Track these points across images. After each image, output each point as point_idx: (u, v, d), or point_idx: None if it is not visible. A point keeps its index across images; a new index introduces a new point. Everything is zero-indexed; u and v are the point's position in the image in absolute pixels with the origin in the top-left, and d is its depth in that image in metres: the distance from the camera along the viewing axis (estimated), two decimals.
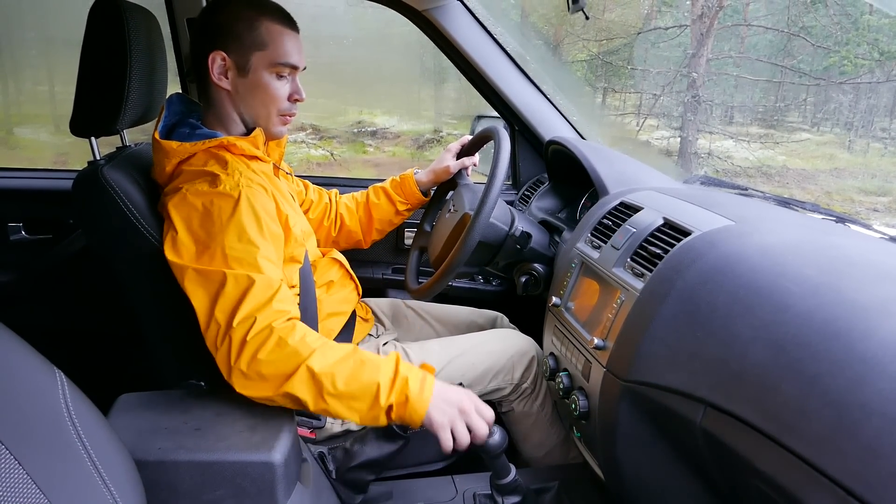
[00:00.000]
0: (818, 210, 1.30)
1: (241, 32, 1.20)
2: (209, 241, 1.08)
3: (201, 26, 1.24)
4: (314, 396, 1.02)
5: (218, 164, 1.17)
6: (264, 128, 1.28)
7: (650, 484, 1.03)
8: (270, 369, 1.02)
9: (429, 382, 1.07)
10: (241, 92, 1.23)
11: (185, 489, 0.92)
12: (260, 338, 1.02)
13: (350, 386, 1.03)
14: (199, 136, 1.21)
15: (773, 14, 7.88)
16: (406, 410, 1.04)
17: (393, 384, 1.05)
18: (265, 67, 1.22)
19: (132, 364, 1.64)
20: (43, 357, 0.74)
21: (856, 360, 0.67)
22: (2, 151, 6.21)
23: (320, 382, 1.02)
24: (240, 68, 1.21)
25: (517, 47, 1.90)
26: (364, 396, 1.04)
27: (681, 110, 7.81)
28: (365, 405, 1.03)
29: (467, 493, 1.31)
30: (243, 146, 1.22)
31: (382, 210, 1.65)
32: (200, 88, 1.27)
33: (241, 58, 1.21)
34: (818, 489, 0.64)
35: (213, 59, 1.20)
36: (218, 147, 1.19)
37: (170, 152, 1.17)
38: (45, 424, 0.70)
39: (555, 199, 1.83)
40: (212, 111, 1.27)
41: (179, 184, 1.14)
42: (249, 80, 1.22)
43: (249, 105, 1.25)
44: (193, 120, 1.26)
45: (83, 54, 1.17)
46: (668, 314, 0.94)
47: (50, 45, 5.90)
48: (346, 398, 1.03)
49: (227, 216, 1.09)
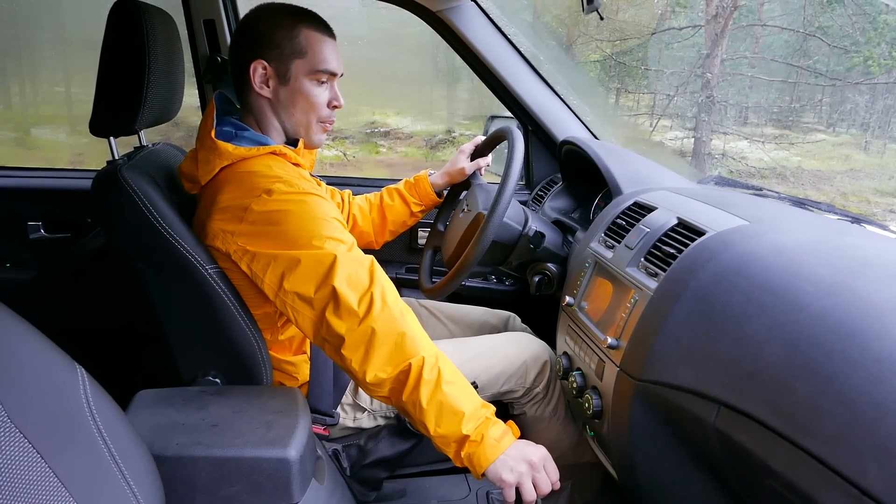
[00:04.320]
0: (833, 210, 1.29)
1: (281, 41, 1.21)
2: (307, 233, 1.12)
3: (241, 35, 1.25)
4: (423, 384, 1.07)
5: (281, 170, 1.19)
6: (304, 136, 1.29)
7: (663, 483, 1.03)
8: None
9: (508, 437, 1.10)
10: (283, 100, 1.25)
11: (202, 484, 0.94)
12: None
13: (451, 394, 1.08)
14: (250, 142, 1.22)
15: (789, 14, 7.81)
16: (477, 450, 1.06)
17: (477, 418, 1.08)
18: (305, 75, 1.23)
19: (150, 361, 1.66)
20: (64, 353, 0.76)
21: (871, 359, 0.66)
22: (20, 152, 6.27)
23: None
24: (280, 76, 1.23)
25: (530, 48, 1.90)
26: (453, 415, 1.07)
27: (695, 111, 7.76)
28: (451, 423, 1.07)
29: (480, 491, 1.31)
30: (291, 156, 1.24)
31: (397, 211, 1.66)
32: (240, 96, 1.29)
33: (282, 66, 1.22)
34: (833, 489, 0.64)
35: (255, 68, 1.22)
36: (271, 154, 1.21)
37: (223, 154, 1.18)
38: (66, 419, 0.71)
39: (568, 199, 1.83)
40: (252, 118, 1.28)
41: (251, 187, 1.15)
42: (290, 87, 1.24)
43: (290, 113, 1.26)
44: (235, 120, 1.27)
45: (102, 55, 1.18)
46: (681, 314, 0.94)
47: (67, 47, 5.95)
48: (437, 406, 1.07)
49: (315, 214, 1.14)
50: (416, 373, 1.07)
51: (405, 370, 1.08)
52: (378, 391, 1.11)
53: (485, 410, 1.10)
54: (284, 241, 1.11)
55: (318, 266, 1.09)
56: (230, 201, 1.15)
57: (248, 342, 1.22)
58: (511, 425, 1.14)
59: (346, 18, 1.20)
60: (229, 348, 1.21)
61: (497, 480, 1.07)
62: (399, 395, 1.09)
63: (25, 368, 0.69)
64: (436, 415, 1.07)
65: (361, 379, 1.10)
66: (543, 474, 1.09)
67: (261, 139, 1.24)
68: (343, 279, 1.09)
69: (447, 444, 1.08)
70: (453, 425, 1.07)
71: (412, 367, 1.08)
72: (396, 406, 1.12)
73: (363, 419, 1.40)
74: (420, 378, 1.07)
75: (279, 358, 1.32)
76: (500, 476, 1.06)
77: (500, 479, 1.06)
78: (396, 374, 1.08)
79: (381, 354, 1.09)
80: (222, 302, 1.18)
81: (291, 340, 1.33)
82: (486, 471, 1.06)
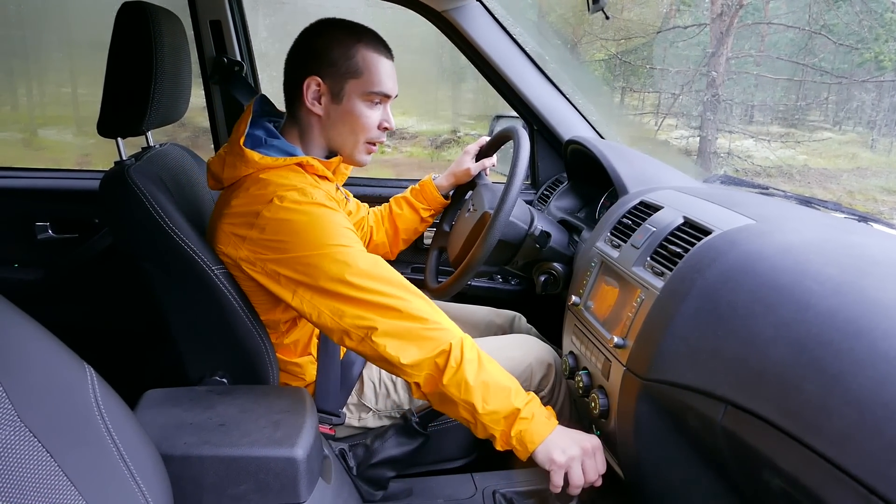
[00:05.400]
0: (840, 209, 1.29)
1: (338, 59, 1.21)
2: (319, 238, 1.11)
3: (298, 49, 1.25)
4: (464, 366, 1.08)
5: (298, 180, 1.18)
6: (349, 155, 1.29)
7: (670, 482, 1.03)
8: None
9: (554, 419, 1.11)
10: (333, 118, 1.24)
11: (210, 483, 0.94)
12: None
13: (494, 372, 1.09)
14: (278, 151, 1.22)
15: (794, 12, 7.78)
16: (529, 427, 1.06)
17: (525, 395, 1.09)
18: (359, 95, 1.23)
19: (157, 361, 1.67)
20: (73, 352, 0.76)
21: (878, 358, 0.66)
22: (27, 152, 6.31)
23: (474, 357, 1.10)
24: (334, 95, 1.22)
25: (536, 47, 1.90)
26: (500, 390, 1.08)
27: (700, 109, 7.74)
28: (499, 398, 1.07)
29: (487, 490, 1.31)
30: (318, 167, 1.23)
31: (406, 219, 1.67)
32: (290, 108, 1.29)
33: (336, 84, 1.22)
34: (840, 488, 0.64)
35: (309, 84, 1.21)
36: (297, 164, 1.21)
37: (249, 162, 1.18)
38: (75, 418, 0.72)
39: (574, 199, 1.82)
40: (297, 130, 1.28)
41: (266, 195, 1.15)
42: (343, 107, 1.23)
43: (339, 132, 1.26)
44: (268, 125, 1.27)
45: (110, 57, 1.19)
46: (688, 313, 0.94)
47: (73, 48, 5.98)
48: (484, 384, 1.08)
49: (326, 222, 1.13)
50: (457, 353, 1.08)
51: (445, 350, 1.08)
52: (415, 375, 1.10)
53: (526, 392, 1.11)
54: (296, 246, 1.11)
55: (333, 264, 1.10)
56: (243, 206, 1.16)
57: (254, 342, 1.22)
58: (550, 410, 1.14)
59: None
60: (236, 348, 1.22)
61: (547, 461, 1.06)
62: (437, 379, 1.09)
63: (35, 368, 0.70)
64: (483, 392, 1.07)
65: (398, 364, 1.09)
66: (593, 462, 1.09)
67: (289, 149, 1.24)
68: (361, 273, 1.10)
69: (496, 421, 1.07)
70: (503, 400, 1.07)
71: (452, 348, 1.08)
72: (430, 393, 1.12)
73: (368, 419, 1.40)
74: (462, 357, 1.08)
75: (285, 360, 1.32)
76: (550, 456, 1.05)
77: (550, 459, 1.05)
78: (434, 357, 1.08)
79: (418, 338, 1.09)
80: (228, 302, 1.19)
81: (296, 343, 1.34)
82: (537, 450, 1.06)
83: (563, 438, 1.07)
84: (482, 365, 1.09)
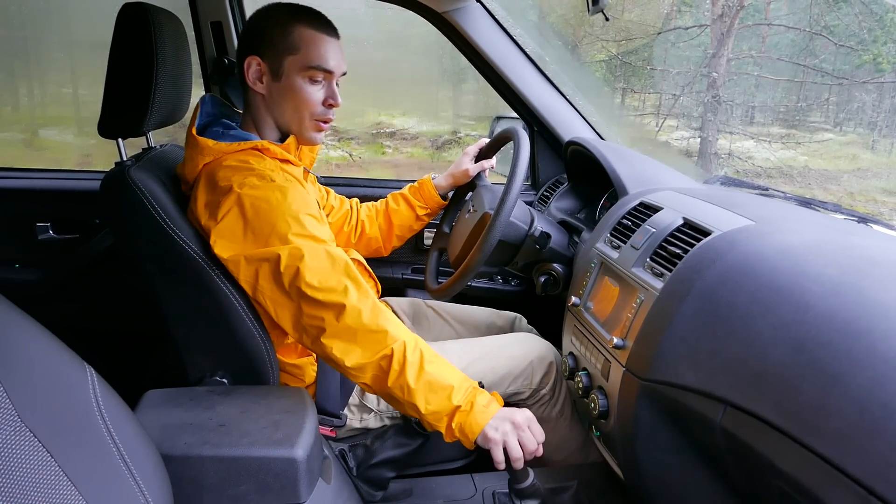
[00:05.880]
0: (840, 210, 1.29)
1: (275, 37, 1.22)
2: (278, 229, 1.12)
3: (243, 33, 1.28)
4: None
5: (257, 163, 1.19)
6: (297, 133, 1.29)
7: (670, 483, 1.03)
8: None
9: (495, 405, 1.14)
10: (275, 96, 1.25)
11: (210, 483, 0.94)
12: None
13: (436, 373, 1.12)
14: (233, 137, 1.23)
15: (795, 13, 7.78)
16: (467, 419, 1.10)
17: (465, 389, 1.12)
18: (298, 72, 1.23)
19: (158, 361, 1.67)
20: (73, 353, 0.76)
21: (877, 359, 0.66)
22: (28, 153, 6.31)
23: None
24: (273, 73, 1.24)
25: (536, 48, 1.90)
26: (441, 390, 1.11)
27: (701, 110, 7.74)
28: (440, 399, 1.11)
29: (486, 491, 1.31)
30: (276, 151, 1.24)
31: (402, 216, 1.67)
32: (243, 95, 1.30)
33: (274, 62, 1.23)
34: (839, 488, 0.64)
35: (249, 63, 1.23)
36: (252, 149, 1.22)
37: (204, 149, 1.20)
38: (76, 418, 0.72)
39: (574, 200, 1.83)
40: (249, 115, 1.30)
41: (223, 181, 1.16)
42: (283, 84, 1.24)
43: (283, 110, 1.26)
44: (226, 121, 1.29)
45: (111, 58, 1.19)
46: (687, 314, 0.95)
47: (74, 49, 5.99)
48: (426, 385, 1.11)
49: (285, 206, 1.13)
50: (399, 356, 1.11)
51: (388, 355, 1.11)
52: (361, 377, 1.14)
53: (469, 382, 1.14)
54: (256, 238, 1.12)
55: (290, 260, 1.11)
56: (206, 198, 1.17)
57: (255, 343, 1.23)
58: (495, 395, 1.17)
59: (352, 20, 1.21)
60: (236, 349, 1.22)
61: (483, 441, 1.10)
62: (383, 381, 1.12)
63: (35, 368, 0.70)
64: (425, 393, 1.11)
65: (342, 366, 1.13)
66: (528, 433, 1.13)
67: (244, 136, 1.25)
68: (315, 272, 1.11)
69: (439, 419, 1.12)
70: (443, 400, 1.11)
71: (395, 352, 1.11)
72: (379, 392, 1.16)
73: (370, 420, 1.40)
74: (405, 361, 1.11)
75: (285, 361, 1.32)
76: (486, 436, 1.10)
77: (486, 438, 1.10)
78: (378, 360, 1.12)
79: (363, 341, 1.12)
80: (229, 303, 1.19)
81: (298, 344, 1.34)
82: (478, 437, 1.10)
83: (496, 419, 1.11)
84: (423, 367, 1.12)
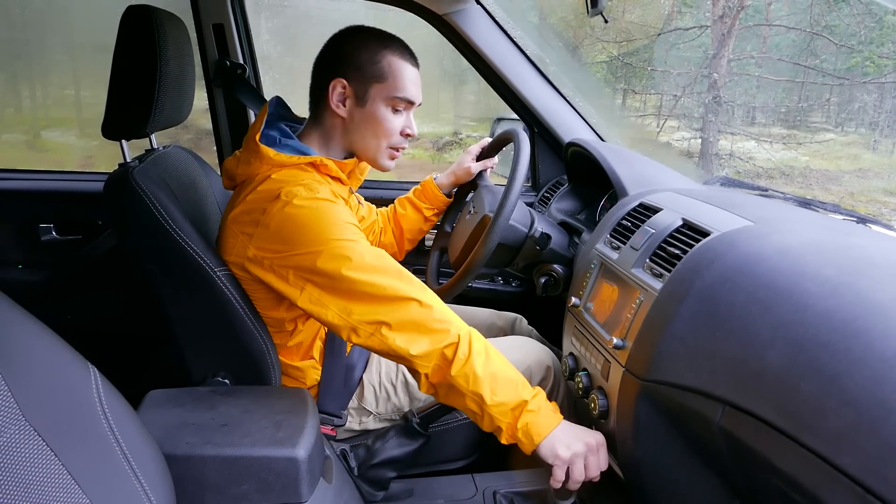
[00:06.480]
0: (839, 210, 1.29)
1: (364, 63, 1.22)
2: (323, 234, 1.12)
3: (327, 53, 1.27)
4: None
5: (307, 176, 1.19)
6: (372, 158, 1.30)
7: (669, 483, 1.03)
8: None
9: (559, 414, 1.12)
10: (357, 121, 1.26)
11: (212, 483, 0.95)
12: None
13: (501, 364, 1.11)
14: (293, 150, 1.23)
15: (796, 14, 7.78)
16: (536, 419, 1.07)
17: (532, 388, 1.11)
18: (383, 100, 1.24)
19: (160, 362, 1.68)
20: (77, 353, 0.77)
21: (875, 358, 0.67)
22: (31, 154, 6.32)
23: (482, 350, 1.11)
24: (358, 98, 1.24)
25: (536, 50, 1.91)
26: (508, 382, 1.09)
27: (702, 111, 7.74)
28: (507, 390, 1.09)
29: (487, 491, 1.31)
30: (331, 168, 1.24)
31: (410, 220, 1.68)
32: (314, 111, 1.30)
33: (361, 88, 1.23)
34: (837, 487, 0.64)
35: (334, 86, 1.23)
36: (310, 164, 1.22)
37: (264, 158, 1.19)
38: (79, 418, 0.72)
39: (574, 201, 1.83)
40: (319, 131, 1.29)
41: (272, 189, 1.16)
42: (366, 110, 1.25)
43: (362, 135, 1.27)
44: (284, 126, 1.28)
45: (115, 60, 1.20)
46: (686, 314, 0.95)
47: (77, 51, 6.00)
48: (492, 376, 1.09)
49: (330, 216, 1.13)
50: (465, 345, 1.09)
51: (453, 343, 1.10)
52: (425, 365, 1.11)
53: (533, 385, 1.13)
54: (301, 242, 1.12)
55: (338, 260, 1.10)
56: (251, 203, 1.17)
57: (257, 344, 1.23)
58: (556, 405, 1.15)
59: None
60: (238, 350, 1.23)
61: (551, 456, 1.07)
62: (445, 370, 1.10)
63: (39, 368, 0.70)
64: (491, 383, 1.08)
65: (407, 355, 1.10)
66: (597, 459, 1.10)
67: (303, 149, 1.25)
68: (367, 267, 1.11)
69: (504, 413, 1.08)
70: (511, 392, 1.08)
71: (461, 340, 1.10)
72: (439, 383, 1.12)
73: (369, 422, 1.41)
74: (471, 349, 1.09)
75: (286, 363, 1.33)
76: (555, 451, 1.06)
77: (555, 454, 1.06)
78: (443, 348, 1.10)
79: (428, 330, 1.10)
80: (231, 304, 1.20)
81: (300, 346, 1.34)
82: (542, 443, 1.07)
83: (567, 434, 1.09)
84: (489, 357, 1.10)
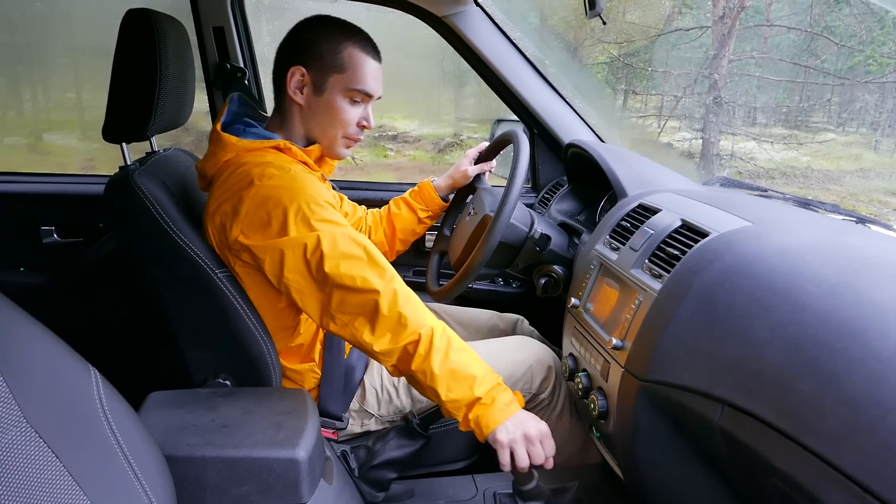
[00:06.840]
0: (838, 211, 1.29)
1: (325, 53, 1.24)
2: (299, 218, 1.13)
3: (289, 40, 1.28)
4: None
5: (275, 158, 1.20)
6: (328, 147, 1.31)
7: (669, 483, 1.03)
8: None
9: (515, 405, 1.15)
10: (313, 109, 1.27)
11: (213, 484, 0.95)
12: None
13: (461, 360, 1.13)
14: (255, 135, 1.24)
15: (796, 14, 7.77)
16: (486, 412, 1.11)
17: (488, 382, 1.13)
18: (340, 90, 1.25)
19: (161, 363, 1.68)
20: (78, 355, 0.77)
21: (872, 358, 0.67)
22: (32, 157, 6.32)
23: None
24: (316, 86, 1.25)
25: (536, 51, 1.91)
26: (465, 380, 1.12)
27: (702, 112, 7.73)
28: (462, 388, 1.12)
29: (488, 492, 1.32)
30: (297, 152, 1.25)
31: (404, 220, 1.68)
32: (276, 97, 1.31)
33: (320, 77, 1.25)
34: (836, 487, 0.65)
35: (293, 73, 1.24)
36: (274, 148, 1.23)
37: (227, 146, 1.21)
38: (80, 419, 0.72)
39: (574, 202, 1.83)
40: (279, 119, 1.31)
41: (243, 176, 1.16)
42: (323, 99, 1.26)
43: (318, 123, 1.28)
44: (248, 120, 1.30)
45: (115, 63, 1.20)
46: (685, 314, 0.95)
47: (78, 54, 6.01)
48: (450, 373, 1.12)
49: (306, 195, 1.14)
50: (426, 342, 1.12)
51: (415, 341, 1.12)
52: (387, 360, 1.15)
53: (494, 376, 1.15)
54: (277, 228, 1.13)
55: (316, 247, 1.11)
56: (226, 192, 1.17)
57: (257, 345, 1.23)
58: (517, 395, 1.18)
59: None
60: (239, 351, 1.23)
61: (492, 441, 1.11)
62: (407, 364, 1.13)
63: (40, 369, 0.71)
64: (448, 380, 1.11)
65: (370, 350, 1.14)
66: (538, 448, 1.14)
67: (266, 135, 1.26)
68: (342, 258, 1.12)
69: (458, 408, 1.12)
70: (465, 390, 1.12)
71: (422, 337, 1.12)
72: (403, 373, 1.16)
73: (370, 424, 1.41)
74: (431, 346, 1.12)
75: (286, 366, 1.33)
76: (495, 436, 1.11)
77: (495, 439, 1.11)
78: (405, 345, 1.12)
79: (392, 326, 1.13)
80: (232, 306, 1.20)
81: (300, 348, 1.35)
82: (490, 433, 1.11)
83: (513, 422, 1.12)
84: (448, 354, 1.13)
